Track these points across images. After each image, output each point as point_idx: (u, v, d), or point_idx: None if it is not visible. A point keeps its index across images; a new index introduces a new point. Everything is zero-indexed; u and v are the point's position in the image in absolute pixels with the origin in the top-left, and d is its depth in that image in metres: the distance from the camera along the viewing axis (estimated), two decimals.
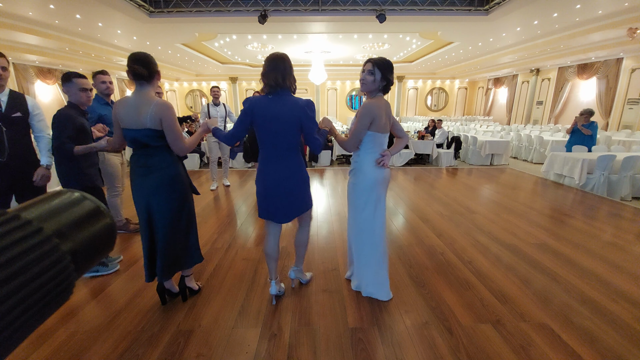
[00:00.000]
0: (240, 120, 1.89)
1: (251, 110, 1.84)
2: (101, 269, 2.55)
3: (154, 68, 1.82)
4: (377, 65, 1.92)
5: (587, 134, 5.73)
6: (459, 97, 20.83)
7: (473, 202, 4.43)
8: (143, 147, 1.85)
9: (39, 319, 0.28)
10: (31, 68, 10.89)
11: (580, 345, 1.78)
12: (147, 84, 1.81)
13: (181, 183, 1.95)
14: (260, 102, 1.84)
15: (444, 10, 7.39)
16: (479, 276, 2.49)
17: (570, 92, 12.55)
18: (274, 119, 1.82)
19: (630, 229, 3.45)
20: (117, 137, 1.95)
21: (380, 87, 1.97)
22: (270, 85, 1.83)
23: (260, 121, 1.83)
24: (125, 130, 1.83)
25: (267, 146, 1.89)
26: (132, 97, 1.81)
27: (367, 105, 1.95)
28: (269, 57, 1.86)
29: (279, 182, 1.90)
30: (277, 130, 1.84)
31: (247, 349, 1.77)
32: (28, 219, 0.29)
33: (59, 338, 1.86)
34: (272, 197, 1.92)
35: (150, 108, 1.75)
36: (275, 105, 1.83)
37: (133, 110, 1.77)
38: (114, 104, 1.92)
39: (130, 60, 1.76)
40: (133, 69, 1.76)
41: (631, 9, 6.75)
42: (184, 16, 7.50)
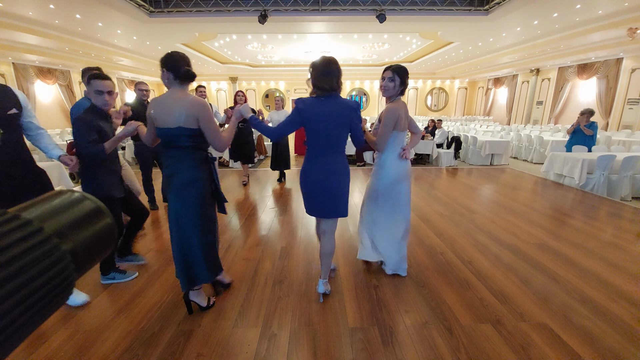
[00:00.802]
0: (292, 119, 1.95)
1: (305, 111, 1.91)
2: (117, 277, 2.45)
3: (189, 68, 1.82)
4: (396, 72, 2.15)
5: (588, 134, 5.73)
6: (459, 97, 20.83)
7: (473, 202, 4.43)
8: (172, 147, 1.83)
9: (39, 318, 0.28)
10: (31, 68, 10.89)
11: (580, 345, 1.78)
12: (185, 83, 1.81)
13: (200, 187, 1.87)
14: (313, 103, 1.92)
15: (444, 10, 7.39)
16: (479, 276, 2.50)
17: (570, 92, 12.55)
18: (326, 120, 1.91)
19: (630, 229, 3.45)
20: (150, 134, 1.95)
21: (399, 91, 2.20)
22: (324, 89, 1.90)
23: (313, 122, 1.92)
24: (159, 129, 1.80)
25: (317, 146, 1.98)
26: (166, 96, 1.80)
27: (391, 109, 2.16)
28: (322, 61, 1.92)
29: (329, 179, 1.99)
30: (329, 131, 1.93)
31: (247, 349, 1.77)
32: (28, 219, 0.29)
33: (59, 338, 1.86)
34: (321, 194, 2.01)
35: (184, 106, 1.74)
36: (327, 106, 1.91)
37: (166, 108, 1.76)
38: (149, 103, 1.89)
39: (166, 60, 1.76)
40: (185, 72, 1.77)
41: (631, 9, 6.75)
42: (184, 16, 7.51)
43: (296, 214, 3.93)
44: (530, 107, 14.53)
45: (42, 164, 4.69)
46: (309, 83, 1.99)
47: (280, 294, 2.28)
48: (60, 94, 12.30)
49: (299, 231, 3.41)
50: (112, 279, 2.44)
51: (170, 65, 1.75)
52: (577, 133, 5.88)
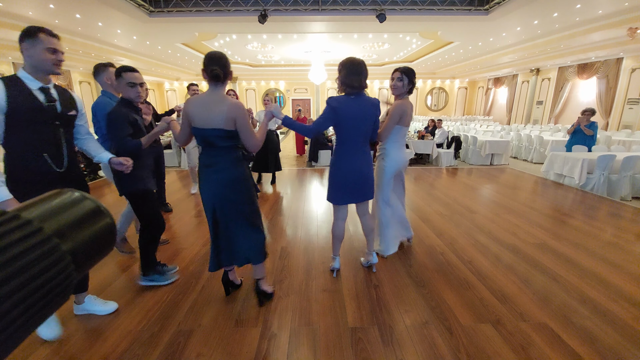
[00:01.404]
0: (327, 117, 2.10)
1: (339, 109, 2.07)
2: (157, 278, 2.37)
3: (229, 69, 1.84)
4: (405, 72, 2.45)
5: (589, 134, 5.73)
6: (459, 97, 20.84)
7: (473, 202, 4.43)
8: (210, 146, 1.86)
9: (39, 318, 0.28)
10: None
11: (580, 345, 1.78)
12: (220, 84, 1.82)
13: (246, 181, 1.96)
14: (346, 102, 2.09)
15: (444, 10, 7.39)
16: (479, 276, 2.50)
17: (570, 92, 12.55)
18: (358, 117, 2.11)
19: (630, 229, 3.45)
20: (184, 134, 1.92)
21: (407, 90, 2.48)
22: (354, 87, 2.08)
23: (346, 119, 2.10)
24: (196, 129, 1.82)
25: (348, 141, 2.18)
26: (205, 96, 1.81)
27: (398, 105, 2.44)
28: (352, 61, 2.09)
29: (360, 170, 2.22)
30: (360, 127, 2.15)
31: (247, 349, 1.77)
32: (28, 219, 0.29)
33: (59, 338, 1.86)
34: (353, 184, 2.24)
35: (224, 108, 1.77)
36: (358, 104, 2.11)
37: (206, 109, 1.78)
38: (186, 102, 1.88)
39: (208, 61, 1.77)
40: (211, 70, 1.76)
41: (631, 9, 6.75)
42: (184, 16, 7.50)
43: (296, 214, 3.93)
44: (530, 107, 14.54)
45: None
46: (337, 82, 2.18)
47: (280, 294, 2.28)
48: None
49: (299, 231, 3.41)
50: (151, 281, 2.36)
51: (204, 64, 1.79)
52: (578, 133, 5.88)
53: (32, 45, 1.59)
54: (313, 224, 3.59)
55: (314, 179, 5.95)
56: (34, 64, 1.62)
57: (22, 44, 1.60)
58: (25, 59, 1.62)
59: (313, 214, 3.94)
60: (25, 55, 1.61)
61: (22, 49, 1.61)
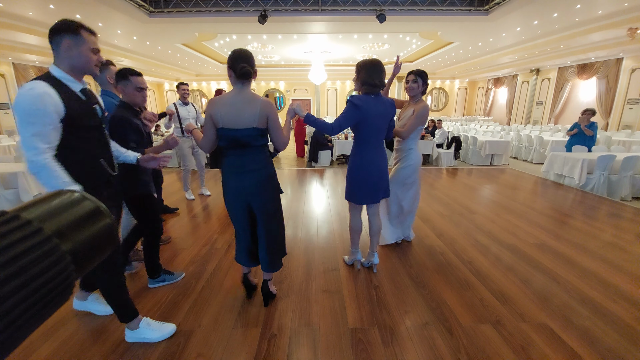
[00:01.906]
0: (349, 116, 2.13)
1: (362, 107, 2.10)
2: (167, 278, 2.38)
3: (255, 66, 1.80)
4: (419, 75, 2.59)
5: (588, 135, 5.75)
6: (459, 97, 20.84)
7: (473, 202, 4.43)
8: (241, 147, 1.79)
9: (39, 319, 0.28)
10: (31, 68, 10.89)
11: (580, 345, 1.78)
12: (248, 82, 1.78)
13: (276, 181, 1.96)
14: (367, 101, 2.13)
15: (444, 10, 7.39)
16: (479, 276, 2.49)
17: (570, 92, 12.55)
18: (379, 115, 2.17)
19: (630, 229, 3.45)
20: (210, 139, 1.82)
21: (421, 91, 2.61)
22: (375, 85, 2.13)
23: (370, 117, 2.14)
24: (225, 130, 1.75)
25: (368, 140, 2.23)
26: (233, 96, 1.75)
27: (426, 107, 2.59)
28: (370, 61, 2.15)
29: (380, 169, 2.28)
30: (380, 126, 2.21)
31: (247, 349, 1.77)
32: (28, 219, 0.29)
33: (59, 338, 1.86)
34: (372, 184, 2.29)
35: (257, 106, 1.73)
36: (378, 103, 2.17)
37: (236, 109, 1.73)
38: (210, 103, 1.78)
39: (236, 59, 1.72)
40: (241, 68, 1.71)
41: (631, 9, 6.75)
42: (184, 16, 7.50)
43: (296, 214, 3.93)
44: (530, 107, 14.54)
45: None
46: (355, 82, 2.24)
47: (280, 294, 2.28)
48: None
49: (299, 231, 3.41)
50: (162, 281, 2.36)
51: (230, 63, 1.74)
52: (577, 133, 5.89)
53: (76, 44, 1.42)
54: (313, 224, 3.59)
55: (314, 179, 5.95)
56: (74, 64, 1.46)
57: (64, 40, 1.40)
58: (63, 57, 1.43)
59: (313, 214, 3.94)
60: (66, 54, 1.43)
61: (61, 46, 1.41)
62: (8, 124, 10.46)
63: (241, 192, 1.85)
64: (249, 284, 2.17)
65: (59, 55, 1.44)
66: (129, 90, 2.12)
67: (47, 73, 1.44)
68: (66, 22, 1.41)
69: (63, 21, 1.41)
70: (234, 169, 1.84)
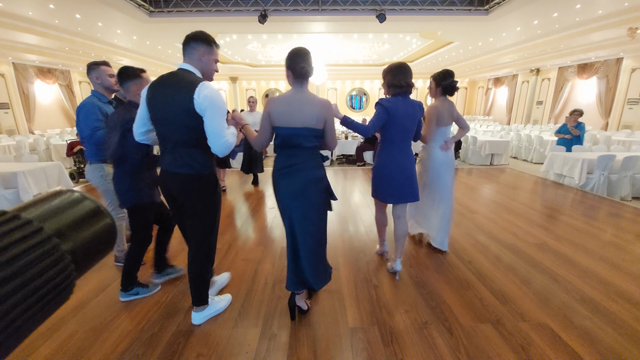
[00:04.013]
0: (380, 117, 2.19)
1: (391, 109, 2.18)
2: (142, 291, 2.25)
3: (312, 65, 1.78)
4: (432, 77, 2.68)
5: (575, 135, 5.90)
6: (459, 97, 20.82)
7: (473, 202, 4.43)
8: (293, 147, 1.78)
9: (39, 318, 0.28)
10: (31, 68, 10.89)
11: (580, 345, 1.78)
12: (306, 82, 1.77)
13: (325, 184, 1.89)
14: (396, 102, 2.20)
15: (444, 10, 7.39)
16: (479, 276, 2.49)
17: (570, 92, 12.55)
18: (407, 116, 2.23)
19: (630, 229, 3.45)
20: (266, 137, 1.81)
21: (438, 92, 2.67)
22: (402, 86, 2.21)
23: (398, 119, 2.20)
24: (281, 128, 1.74)
25: (396, 141, 2.29)
26: (292, 95, 1.76)
27: (429, 108, 2.67)
28: (395, 65, 2.25)
29: (404, 169, 2.30)
30: (408, 127, 2.26)
31: (247, 349, 1.77)
32: (28, 219, 0.29)
33: (59, 338, 1.86)
34: (398, 185, 2.31)
35: (316, 107, 1.73)
36: (407, 105, 2.23)
37: (295, 108, 1.72)
38: (268, 102, 1.78)
39: (295, 58, 1.71)
40: (301, 67, 1.70)
41: (631, 9, 6.74)
42: (184, 16, 7.50)
43: None
44: (530, 107, 14.53)
45: (42, 163, 4.70)
46: (383, 86, 2.33)
47: (280, 294, 2.28)
48: (60, 94, 12.29)
49: None
50: (135, 294, 2.23)
51: (288, 63, 1.73)
52: (565, 133, 6.05)
53: (208, 53, 1.74)
54: None
55: None
56: (205, 70, 1.74)
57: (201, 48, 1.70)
58: (196, 61, 1.72)
59: None
60: (204, 59, 1.73)
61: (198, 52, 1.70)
62: (8, 123, 10.46)
63: (289, 193, 1.80)
64: (294, 304, 1.98)
65: (195, 60, 1.69)
66: (137, 89, 2.06)
67: (198, 77, 1.67)
68: (204, 33, 1.69)
69: (198, 32, 1.69)
70: (287, 168, 1.80)
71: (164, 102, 1.63)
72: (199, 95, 1.55)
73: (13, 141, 8.44)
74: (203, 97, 1.55)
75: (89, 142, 2.44)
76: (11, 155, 6.14)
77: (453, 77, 2.62)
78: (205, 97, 1.55)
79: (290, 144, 1.78)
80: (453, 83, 2.60)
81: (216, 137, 1.60)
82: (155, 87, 1.66)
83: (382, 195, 2.41)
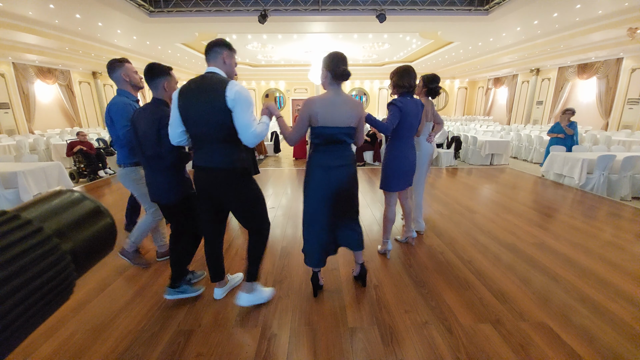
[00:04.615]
0: (395, 115, 2.42)
1: (404, 108, 2.41)
2: (188, 290, 2.19)
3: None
4: (423, 78, 2.94)
5: (569, 134, 5.93)
6: (459, 97, 20.82)
7: (473, 202, 4.43)
8: (335, 143, 1.95)
9: (39, 318, 0.28)
10: (31, 68, 10.89)
11: (580, 344, 1.78)
12: (342, 83, 1.94)
13: (356, 176, 2.12)
14: (405, 102, 2.44)
15: (444, 10, 7.39)
16: (478, 276, 2.50)
17: (570, 92, 12.55)
18: (414, 114, 2.49)
19: (630, 229, 3.45)
20: (300, 133, 1.94)
21: (422, 92, 2.94)
22: (404, 86, 2.45)
23: (409, 116, 2.45)
24: (324, 127, 1.89)
25: (405, 136, 2.56)
26: (332, 96, 1.91)
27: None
28: (402, 68, 2.47)
29: (410, 160, 2.63)
30: (413, 123, 2.54)
31: (247, 349, 1.77)
32: (28, 219, 0.29)
33: (59, 338, 1.86)
34: (404, 174, 2.62)
35: (355, 107, 1.93)
36: (414, 104, 2.50)
37: (337, 108, 1.88)
38: (308, 103, 1.89)
39: (336, 60, 1.87)
40: (342, 69, 1.86)
41: (631, 9, 6.74)
42: (184, 16, 7.50)
43: (296, 214, 3.93)
44: (530, 107, 14.53)
45: (42, 163, 4.70)
46: (390, 87, 2.59)
47: (280, 293, 2.28)
48: (60, 94, 12.29)
49: (299, 231, 3.41)
50: (182, 292, 2.16)
51: (327, 64, 1.89)
52: (558, 132, 6.09)
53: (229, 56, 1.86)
54: None
55: None
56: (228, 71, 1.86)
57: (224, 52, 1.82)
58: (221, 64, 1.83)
59: None
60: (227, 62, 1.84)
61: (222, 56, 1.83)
62: (8, 123, 10.46)
63: (329, 184, 1.97)
64: (317, 282, 2.23)
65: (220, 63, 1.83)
66: (173, 85, 2.07)
67: (225, 77, 1.80)
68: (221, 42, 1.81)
69: (219, 39, 1.81)
70: (331, 161, 1.97)
71: (199, 103, 1.71)
72: (230, 92, 1.67)
73: (13, 141, 8.43)
74: (234, 93, 1.67)
75: (122, 144, 2.36)
76: (11, 155, 6.14)
77: (439, 82, 2.91)
78: (235, 92, 1.67)
79: (333, 141, 1.94)
80: (437, 88, 2.90)
81: (245, 128, 1.70)
82: (188, 90, 1.75)
83: (393, 184, 2.64)
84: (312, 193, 2.02)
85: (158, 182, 2.05)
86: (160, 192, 2.07)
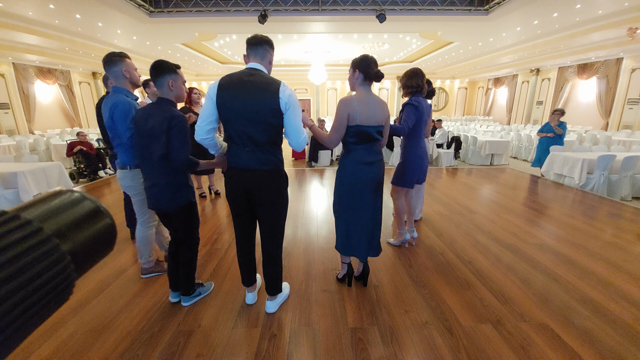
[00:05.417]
0: (411, 115, 2.58)
1: (419, 107, 2.59)
2: (203, 290, 2.23)
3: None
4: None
5: (559, 133, 6.01)
6: (459, 97, 20.83)
7: (473, 202, 4.43)
8: (370, 141, 2.05)
9: (39, 319, 0.28)
10: (31, 68, 10.90)
11: (580, 345, 1.78)
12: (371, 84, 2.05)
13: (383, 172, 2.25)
14: (419, 101, 2.60)
15: (444, 10, 7.39)
16: (479, 276, 2.49)
17: (570, 92, 12.55)
18: (427, 113, 2.72)
19: (630, 229, 3.45)
20: (341, 134, 2.01)
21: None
22: (412, 87, 2.64)
23: (424, 115, 2.66)
24: (362, 126, 1.96)
25: (420, 133, 2.74)
26: (367, 96, 2.00)
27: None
28: (411, 71, 2.66)
29: (427, 156, 2.89)
30: (427, 121, 2.76)
31: (247, 349, 1.77)
32: (28, 219, 0.29)
33: (59, 338, 1.86)
34: (420, 169, 2.83)
35: (384, 106, 2.06)
36: (425, 102, 2.71)
37: (372, 108, 1.98)
38: (345, 103, 1.95)
39: (368, 63, 1.97)
40: (376, 72, 1.98)
41: (631, 9, 6.75)
42: (184, 16, 7.50)
43: (296, 215, 3.93)
44: (530, 107, 14.53)
45: (42, 163, 4.70)
46: (401, 89, 2.75)
47: None
48: (60, 94, 12.30)
49: (299, 231, 3.41)
50: (197, 295, 2.19)
51: (359, 65, 1.98)
52: (548, 132, 6.18)
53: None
54: (313, 225, 3.59)
55: (314, 179, 5.94)
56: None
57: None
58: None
59: (313, 214, 3.94)
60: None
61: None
62: (8, 124, 10.46)
63: (366, 180, 2.07)
64: (352, 272, 2.34)
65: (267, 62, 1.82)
66: (179, 84, 1.93)
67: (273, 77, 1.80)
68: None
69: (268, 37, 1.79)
70: (368, 157, 2.07)
71: (247, 101, 1.63)
72: (283, 94, 1.65)
73: (13, 141, 8.44)
74: (287, 96, 1.66)
75: (126, 146, 2.20)
76: (11, 156, 6.15)
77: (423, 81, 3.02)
78: (289, 95, 1.66)
79: (368, 140, 2.03)
80: (433, 90, 3.08)
81: (297, 133, 1.74)
82: (233, 85, 1.65)
83: (411, 181, 2.80)
84: (359, 189, 2.09)
85: (160, 186, 1.91)
86: (161, 198, 1.93)
